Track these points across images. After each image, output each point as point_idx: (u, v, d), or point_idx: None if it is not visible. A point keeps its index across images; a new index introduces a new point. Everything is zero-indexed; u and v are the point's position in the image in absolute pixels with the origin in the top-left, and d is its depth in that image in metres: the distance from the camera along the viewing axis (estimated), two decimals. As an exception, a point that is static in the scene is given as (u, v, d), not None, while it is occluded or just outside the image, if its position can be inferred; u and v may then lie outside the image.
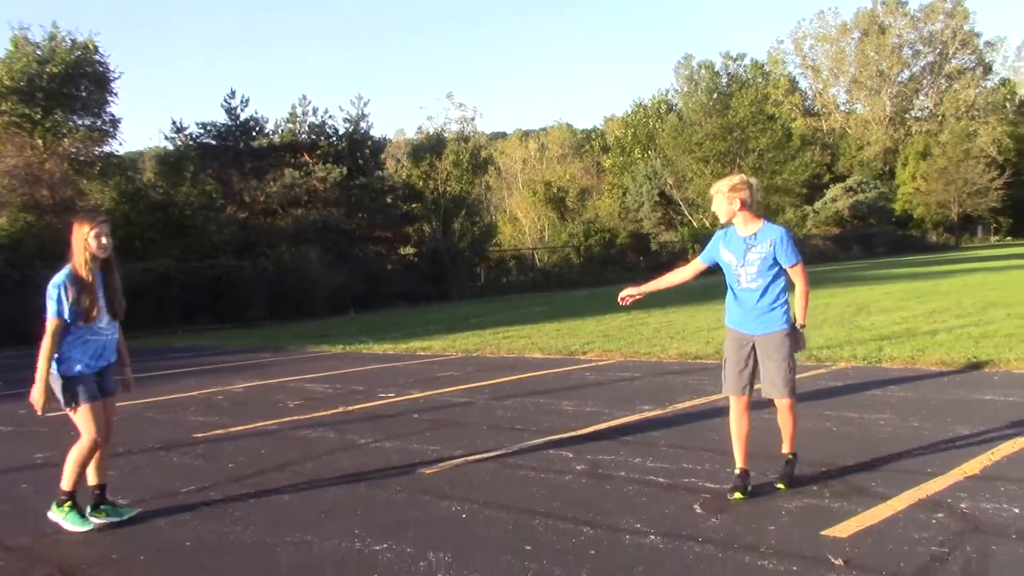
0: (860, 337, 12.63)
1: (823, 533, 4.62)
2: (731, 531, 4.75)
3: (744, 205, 5.50)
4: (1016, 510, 4.82)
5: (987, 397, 8.03)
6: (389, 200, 38.15)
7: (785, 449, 5.75)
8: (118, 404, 5.84)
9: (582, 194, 63.64)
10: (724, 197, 5.52)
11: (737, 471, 5.64)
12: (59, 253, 19.13)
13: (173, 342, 21.89)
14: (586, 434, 7.43)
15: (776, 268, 5.44)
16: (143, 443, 8.14)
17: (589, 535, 4.81)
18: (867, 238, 64.32)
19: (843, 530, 4.64)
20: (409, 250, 40.73)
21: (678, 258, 51.19)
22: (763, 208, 56.11)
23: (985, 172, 73.28)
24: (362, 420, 8.83)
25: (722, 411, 7.65)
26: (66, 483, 5.42)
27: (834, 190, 69.14)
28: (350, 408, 9.51)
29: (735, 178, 5.58)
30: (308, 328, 23.79)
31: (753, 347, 5.57)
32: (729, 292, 5.66)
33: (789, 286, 5.57)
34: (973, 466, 5.73)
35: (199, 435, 8.41)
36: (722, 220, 5.60)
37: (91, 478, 5.58)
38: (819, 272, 38.54)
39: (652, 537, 4.71)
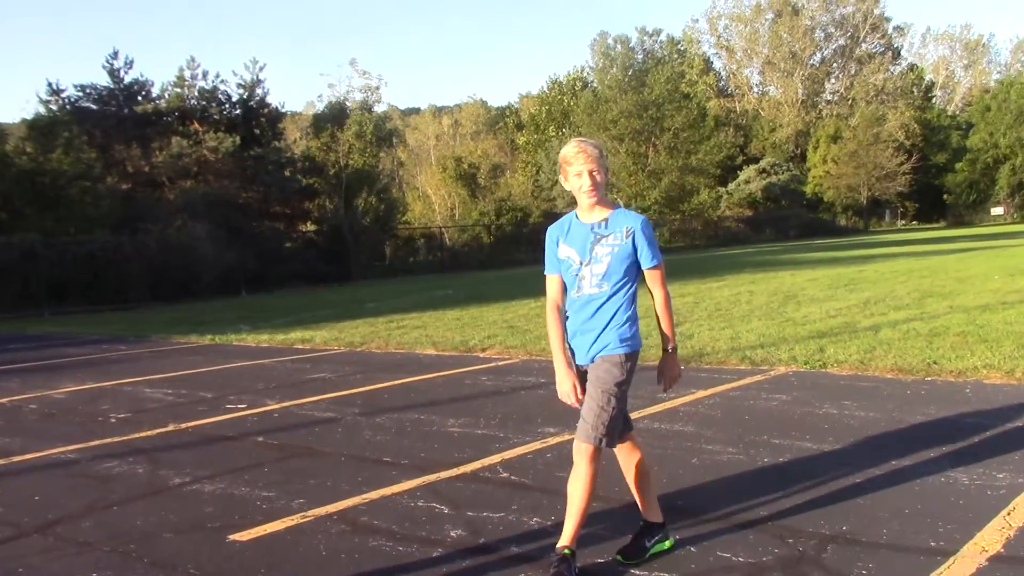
0: (795, 333, 11.15)
1: None
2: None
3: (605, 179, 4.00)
4: (1085, 628, 3.24)
5: (968, 420, 6.52)
6: (287, 173, 35.81)
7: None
8: None
9: (494, 171, 61.96)
10: (597, 165, 3.90)
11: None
12: None
13: (29, 328, 19.50)
14: (472, 472, 5.70)
15: (631, 270, 3.97)
16: None
17: None
18: (779, 220, 64.05)
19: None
20: (310, 227, 38.47)
21: (591, 238, 49.90)
22: (678, 188, 55.29)
23: (893, 156, 73.74)
24: (191, 445, 6.94)
25: (647, 434, 6.00)
26: None
27: (747, 172, 68.70)
28: (183, 425, 7.60)
29: (595, 141, 4.00)
30: (187, 312, 21.62)
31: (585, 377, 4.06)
32: (567, 305, 4.09)
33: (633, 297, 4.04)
34: (992, 538, 4.15)
35: (-31, 468, 6.43)
36: (588, 200, 3.95)
37: None
38: (735, 255, 37.57)
39: None
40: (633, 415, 7.06)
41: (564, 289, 4.07)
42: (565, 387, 3.99)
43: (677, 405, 7.44)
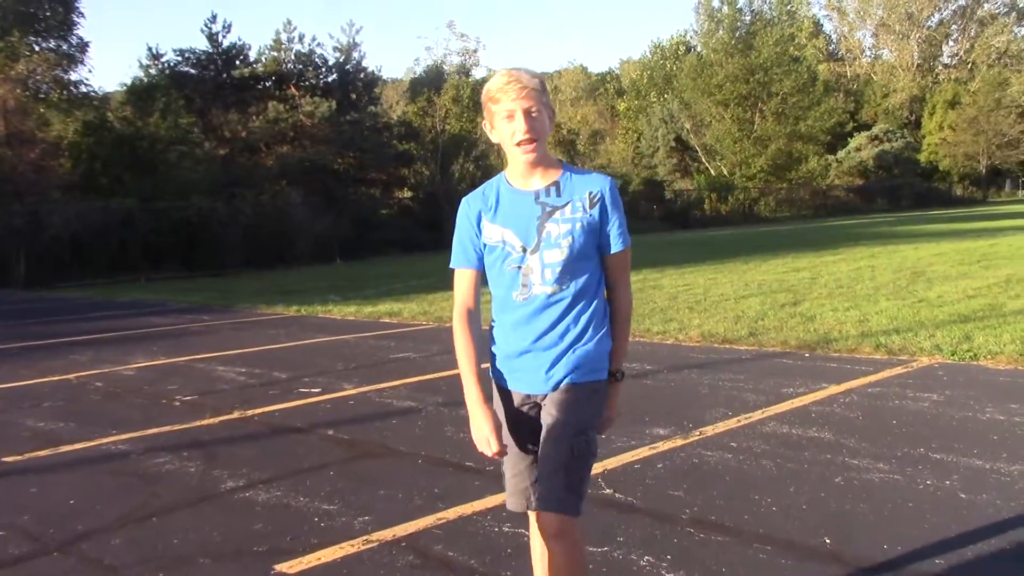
0: (933, 317, 9.92)
1: None
2: None
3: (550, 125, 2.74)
4: None
5: None
6: (383, 139, 35.26)
7: None
8: None
9: (594, 137, 60.65)
10: (537, 103, 2.63)
11: None
12: (5, 191, 16.51)
13: (121, 295, 19.30)
14: (568, 486, 4.79)
15: (596, 257, 2.73)
16: (-81, 473, 5.55)
17: None
18: (892, 190, 61.19)
19: None
20: (406, 194, 37.92)
21: (693, 207, 48.40)
22: (786, 156, 53.12)
23: (1016, 123, 69.64)
24: (254, 437, 6.21)
25: (775, 441, 4.88)
26: None
27: (858, 139, 65.80)
28: (249, 412, 6.88)
29: (534, 71, 2.69)
30: (279, 281, 21.25)
31: (539, 415, 2.76)
32: (498, 311, 2.79)
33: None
34: None
35: (9, 459, 5.80)
36: (524, 156, 2.66)
37: None
38: (847, 226, 35.79)
39: None
40: (755, 414, 6.07)
41: (477, 290, 2.79)
42: (482, 431, 2.66)
43: (808, 403, 6.41)
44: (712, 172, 54.29)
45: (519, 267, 2.69)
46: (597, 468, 5.02)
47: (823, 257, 19.10)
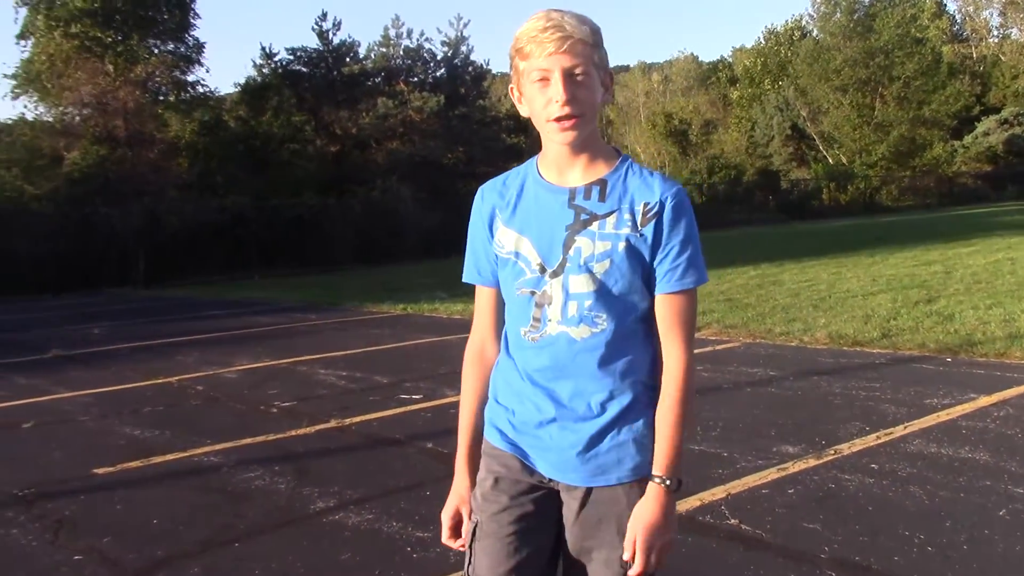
0: (1089, 315, 9.03)
1: None
2: None
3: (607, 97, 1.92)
4: None
5: None
6: (492, 132, 35.03)
7: None
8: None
9: (706, 127, 59.36)
10: (583, 62, 1.81)
11: None
12: (126, 191, 16.81)
13: (234, 293, 19.50)
14: (688, 513, 4.26)
15: (643, 291, 1.88)
16: (9, 484, 5.39)
17: None
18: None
19: None
20: (515, 188, 37.64)
21: (811, 197, 46.85)
22: (909, 143, 50.89)
23: None
24: (349, 450, 5.88)
25: (922, 463, 4.09)
26: None
27: (986, 123, 62.61)
28: (346, 421, 6.56)
29: (583, 15, 1.85)
30: (388, 277, 21.16)
31: (549, 507, 1.95)
32: (505, 348, 2.03)
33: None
34: None
35: (101, 470, 5.60)
36: (560, 136, 1.86)
37: None
38: (976, 215, 33.97)
39: None
40: (896, 430, 5.39)
41: (499, 314, 2.05)
42: (445, 510, 2.07)
43: (956, 417, 5.74)
44: (830, 160, 52.44)
45: (533, 292, 1.91)
46: (720, 493, 4.52)
47: (955, 249, 17.96)
